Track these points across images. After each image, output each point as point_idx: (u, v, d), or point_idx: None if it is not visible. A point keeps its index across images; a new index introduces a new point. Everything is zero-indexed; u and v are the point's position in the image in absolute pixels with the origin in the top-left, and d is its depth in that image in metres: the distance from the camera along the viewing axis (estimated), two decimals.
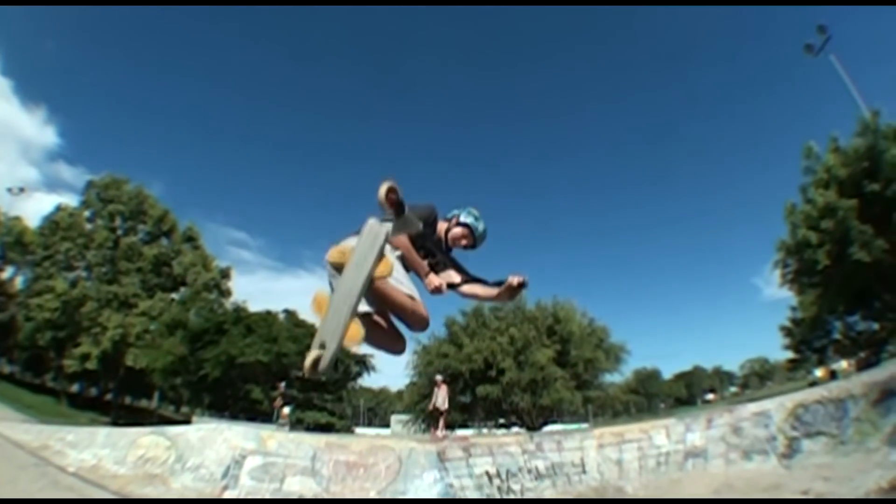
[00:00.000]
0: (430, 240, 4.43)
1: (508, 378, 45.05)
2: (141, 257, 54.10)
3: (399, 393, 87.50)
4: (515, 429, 46.72)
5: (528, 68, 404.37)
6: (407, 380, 53.42)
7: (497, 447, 17.30)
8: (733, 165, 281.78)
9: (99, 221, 54.98)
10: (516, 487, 16.25)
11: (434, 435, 25.06)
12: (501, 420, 50.72)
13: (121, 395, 59.34)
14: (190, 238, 59.68)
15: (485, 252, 4.92)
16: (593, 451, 16.86)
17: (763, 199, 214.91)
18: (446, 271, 4.70)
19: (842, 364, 51.67)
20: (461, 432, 43.83)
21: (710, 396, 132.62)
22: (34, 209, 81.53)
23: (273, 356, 46.29)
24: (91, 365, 48.98)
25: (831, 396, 14.22)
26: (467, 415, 50.54)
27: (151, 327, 50.89)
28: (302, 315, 54.93)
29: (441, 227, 4.80)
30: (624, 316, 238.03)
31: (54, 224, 53.15)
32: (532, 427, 44.78)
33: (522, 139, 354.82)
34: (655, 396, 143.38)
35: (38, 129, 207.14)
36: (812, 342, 50.19)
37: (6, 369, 62.83)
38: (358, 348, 3.77)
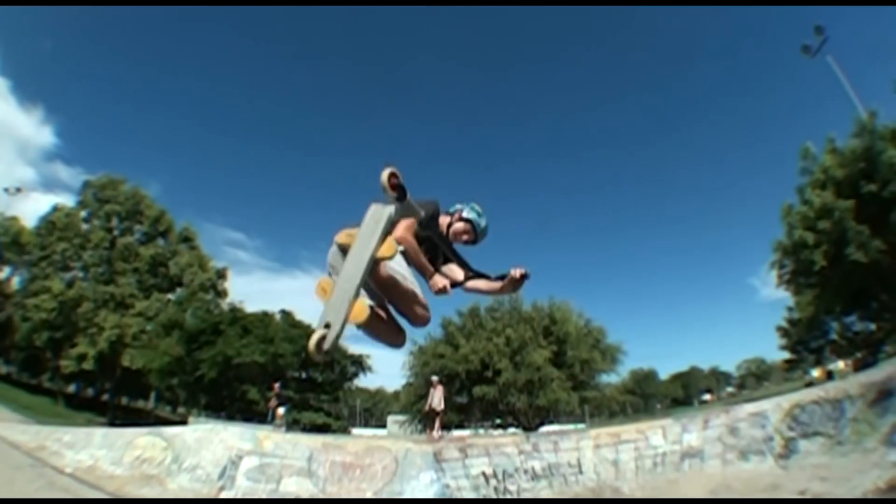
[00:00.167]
0: (435, 233, 4.45)
1: (505, 379, 44.95)
2: (137, 258, 54.01)
3: (395, 393, 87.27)
4: (512, 429, 46.60)
5: (525, 68, 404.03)
6: (403, 380, 53.24)
7: (493, 448, 17.28)
8: (730, 166, 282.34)
9: (95, 222, 54.85)
10: (513, 488, 16.23)
11: (430, 436, 25.07)
12: (498, 421, 50.66)
13: (117, 396, 59.41)
14: (186, 238, 59.59)
15: (482, 251, 4.91)
16: (590, 452, 16.84)
17: (760, 200, 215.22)
18: (449, 266, 4.75)
19: (839, 364, 51.79)
20: (458, 433, 43.89)
21: (707, 397, 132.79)
22: (31, 209, 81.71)
23: (269, 357, 46.29)
24: (88, 365, 48.91)
25: (828, 397, 14.22)
26: (464, 415, 50.42)
27: (148, 328, 50.87)
28: (299, 316, 55.09)
29: (443, 222, 4.79)
30: (620, 316, 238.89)
31: (51, 224, 53.06)
32: (528, 428, 44.69)
33: (519, 138, 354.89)
34: (652, 397, 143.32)
35: (36, 129, 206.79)
36: (809, 343, 50.24)
37: (3, 370, 62.96)
38: (358, 330, 3.83)
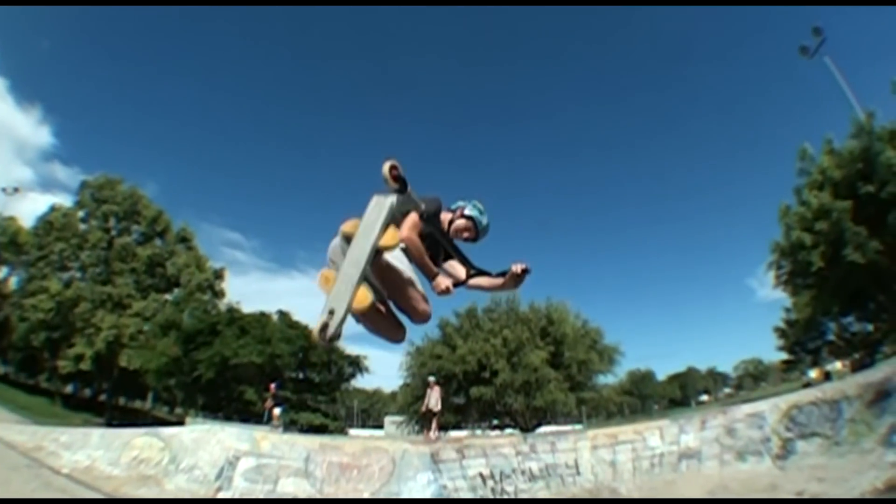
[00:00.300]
0: (437, 230, 4.45)
1: (502, 379, 44.92)
2: (135, 258, 53.95)
3: (393, 394, 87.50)
4: (509, 430, 46.63)
5: (521, 69, 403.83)
6: (400, 381, 53.18)
7: (491, 448, 17.29)
8: (728, 166, 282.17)
9: (93, 222, 54.80)
10: (510, 489, 16.24)
11: (427, 436, 25.06)
12: (495, 421, 50.68)
13: (115, 396, 59.31)
14: (184, 239, 59.56)
15: (480, 250, 4.90)
16: (587, 453, 16.85)
17: (757, 201, 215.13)
18: (450, 263, 4.77)
19: (836, 365, 51.95)
20: (455, 434, 43.87)
21: (705, 398, 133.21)
22: (29, 209, 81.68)
23: (267, 357, 46.26)
24: (85, 366, 48.86)
25: (826, 398, 14.23)
26: (461, 416, 50.43)
27: (145, 328, 50.80)
28: (296, 316, 55.05)
29: (444, 218, 4.78)
30: (618, 317, 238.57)
31: (48, 224, 52.98)
32: (526, 428, 44.70)
33: (517, 138, 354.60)
34: (649, 398, 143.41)
35: (33, 129, 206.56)
36: (806, 343, 50.30)
37: (0, 370, 62.85)
38: (358, 324, 3.99)
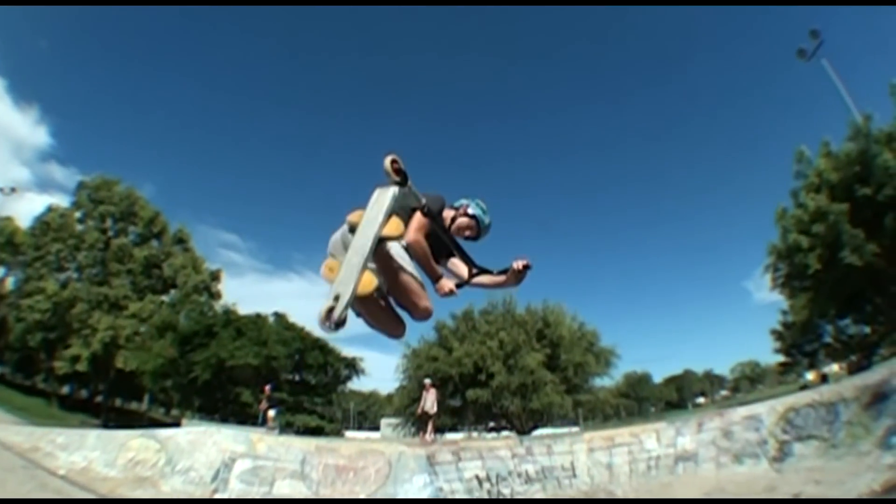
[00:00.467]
0: (440, 228, 4.45)
1: (498, 382, 44.83)
2: (131, 259, 53.96)
3: (389, 396, 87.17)
4: (505, 433, 46.62)
5: (517, 71, 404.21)
6: (396, 383, 52.96)
7: (487, 451, 17.30)
8: (724, 169, 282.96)
9: (90, 222, 54.80)
10: (506, 491, 16.23)
11: (423, 439, 25.05)
12: (491, 424, 50.58)
13: (111, 398, 59.16)
14: (180, 240, 59.61)
15: (475, 250, 4.90)
16: (583, 455, 16.87)
17: (754, 204, 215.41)
18: (452, 261, 4.84)
19: (833, 367, 51.98)
20: (451, 436, 43.85)
21: (701, 400, 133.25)
22: (26, 209, 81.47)
23: (263, 359, 46.25)
24: (81, 367, 48.77)
25: (822, 400, 14.24)
26: (457, 419, 50.33)
27: (141, 329, 50.71)
28: (292, 318, 55.06)
29: (447, 215, 4.81)
30: (614, 320, 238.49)
31: (45, 225, 52.97)
32: (522, 431, 44.63)
33: (512, 139, 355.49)
34: (646, 400, 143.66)
35: (31, 129, 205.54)
36: (803, 346, 50.28)
37: None
38: (358, 318, 4.07)
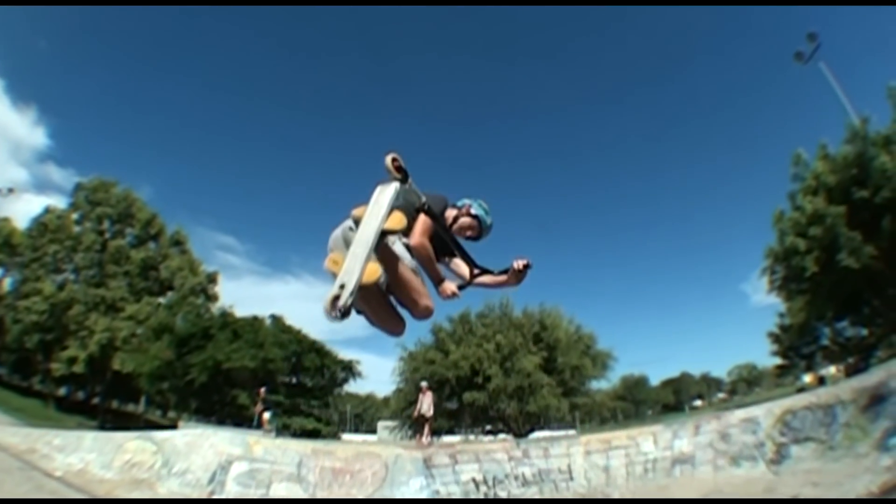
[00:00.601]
0: (442, 228, 4.47)
1: (495, 385, 44.92)
2: (128, 261, 53.87)
3: (386, 399, 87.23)
4: (502, 435, 46.67)
5: (513, 73, 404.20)
6: (393, 386, 53.12)
7: (484, 454, 17.35)
8: (721, 171, 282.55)
9: (87, 224, 54.71)
10: (503, 494, 16.27)
11: (419, 441, 25.06)
12: (488, 427, 50.66)
13: (108, 400, 59.10)
14: (177, 242, 59.49)
15: (474, 251, 4.92)
16: (580, 458, 16.90)
17: (751, 206, 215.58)
18: (454, 262, 4.89)
19: (830, 370, 52.07)
20: (447, 439, 43.89)
21: (698, 403, 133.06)
22: (23, 210, 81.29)
23: (260, 362, 46.15)
24: (78, 368, 48.66)
25: (820, 402, 14.25)
26: (454, 421, 50.42)
27: (138, 331, 50.51)
28: (289, 321, 54.98)
29: (449, 215, 4.85)
30: (611, 322, 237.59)
31: (42, 226, 52.91)
32: (519, 434, 44.68)
33: (508, 139, 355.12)
34: (643, 403, 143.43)
35: (29, 130, 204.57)
36: (800, 348, 50.32)
37: None
38: (359, 315, 4.15)
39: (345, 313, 3.28)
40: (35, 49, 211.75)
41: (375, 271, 3.54)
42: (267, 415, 29.91)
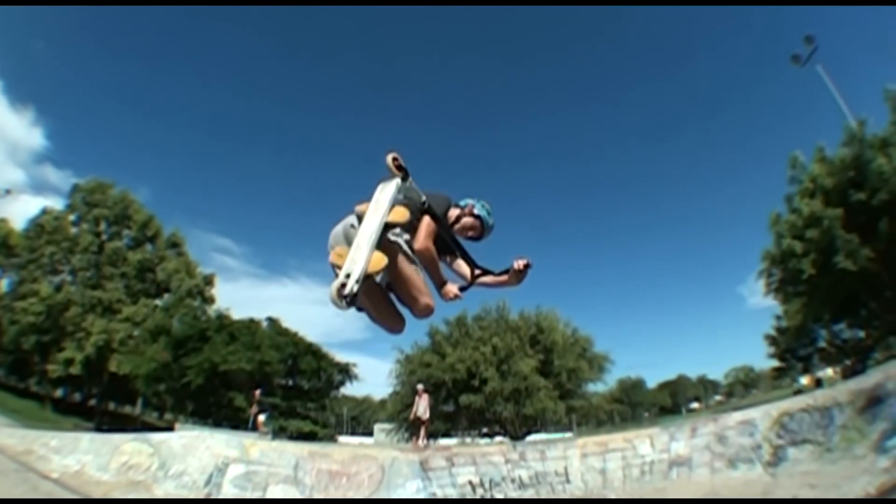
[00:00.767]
0: (444, 228, 4.50)
1: (491, 387, 44.91)
2: (125, 262, 53.77)
3: (382, 402, 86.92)
4: (499, 438, 46.61)
5: (506, 72, 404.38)
6: (390, 389, 53.27)
7: (480, 457, 17.33)
8: (718, 174, 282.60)
9: (84, 226, 54.59)
10: (500, 497, 16.23)
11: (416, 444, 25.04)
12: (484, 429, 50.57)
13: (105, 401, 58.93)
14: (174, 244, 59.38)
15: (473, 251, 4.93)
16: (577, 461, 16.89)
17: (748, 209, 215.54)
18: (457, 262, 4.93)
19: (827, 372, 52.05)
20: (444, 442, 43.82)
21: (695, 405, 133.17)
22: (20, 211, 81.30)
23: (256, 364, 46.07)
24: (75, 370, 48.58)
25: (817, 404, 14.24)
26: (450, 424, 50.40)
27: (135, 333, 50.45)
28: (285, 323, 54.92)
29: (452, 214, 4.88)
30: (608, 325, 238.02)
31: (39, 227, 52.84)
32: (515, 436, 44.63)
33: (504, 140, 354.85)
34: (640, 405, 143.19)
35: (26, 131, 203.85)
36: (797, 350, 50.47)
37: None
38: (359, 312, 4.23)
39: (351, 301, 3.29)
40: (33, 49, 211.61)
41: (381, 260, 3.57)
42: (262, 417, 29.87)
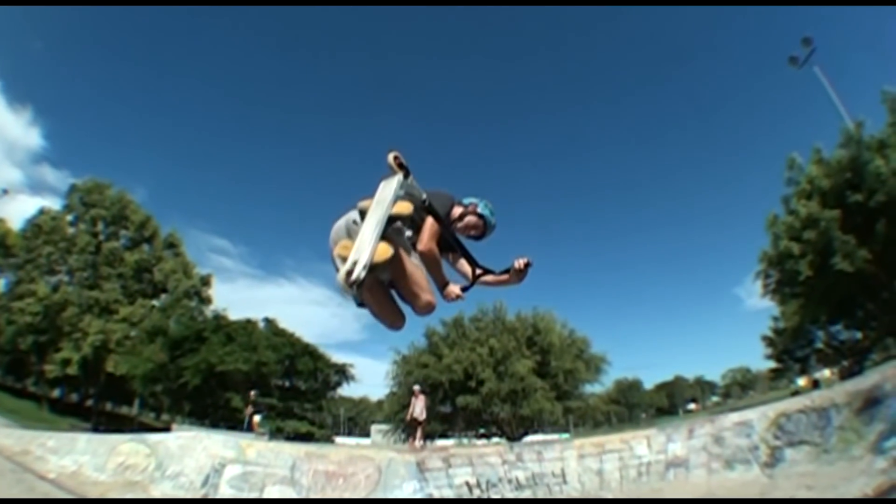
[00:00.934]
0: (446, 228, 4.52)
1: (488, 388, 44.91)
2: (122, 263, 53.71)
3: (379, 402, 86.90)
4: (495, 439, 46.64)
5: (502, 73, 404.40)
6: (387, 389, 53.29)
7: (477, 457, 17.29)
8: (715, 175, 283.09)
9: (81, 226, 54.55)
10: (496, 497, 16.21)
11: (412, 445, 25.02)
12: (481, 430, 50.58)
13: (101, 402, 58.83)
14: (171, 244, 59.35)
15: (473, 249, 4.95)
16: (574, 462, 16.87)
17: (745, 210, 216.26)
18: (460, 262, 4.95)
19: (825, 373, 52.03)
20: (441, 442, 43.84)
21: (692, 406, 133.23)
22: (18, 211, 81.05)
23: (253, 364, 46.01)
24: (72, 370, 48.48)
25: (814, 405, 14.23)
26: (447, 425, 50.44)
27: (132, 334, 50.35)
28: (282, 324, 54.89)
29: (455, 212, 4.90)
30: (605, 326, 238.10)
31: (37, 227, 52.81)
32: (512, 437, 44.72)
33: (502, 141, 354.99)
34: (637, 406, 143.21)
35: (24, 131, 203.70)
36: (794, 351, 50.53)
37: None
38: (360, 308, 4.33)
39: (358, 287, 3.44)
40: (31, 50, 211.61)
41: (386, 251, 3.63)
42: (257, 418, 29.83)
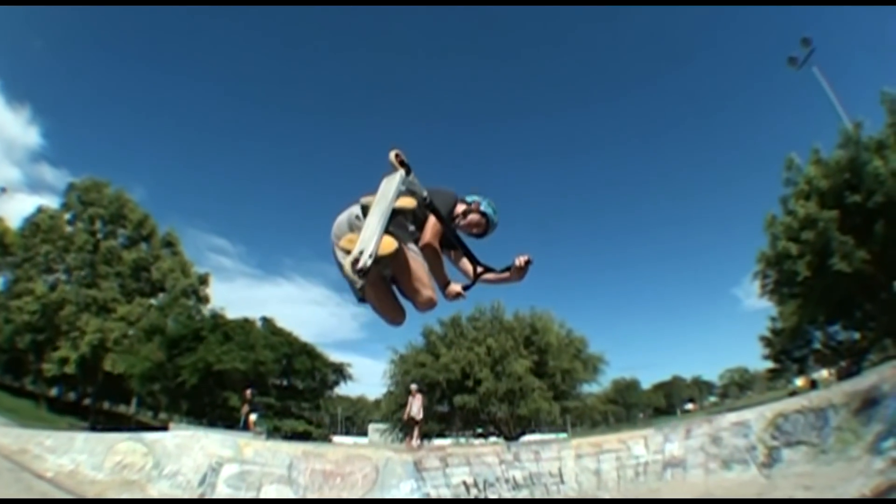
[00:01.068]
0: (447, 227, 4.55)
1: (485, 388, 44.95)
2: (120, 262, 53.72)
3: (377, 402, 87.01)
4: (493, 439, 46.66)
5: (500, 73, 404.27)
6: (384, 389, 53.41)
7: (474, 457, 17.30)
8: (714, 176, 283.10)
9: (79, 224, 54.56)
10: (494, 497, 16.21)
11: (409, 444, 25.01)
12: (479, 430, 50.61)
13: (99, 400, 58.81)
14: (169, 243, 59.38)
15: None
16: (571, 462, 16.87)
17: (744, 211, 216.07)
18: (462, 260, 5.02)
19: (822, 373, 52.04)
20: (438, 442, 43.82)
21: (690, 406, 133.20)
22: (16, 210, 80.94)
23: (251, 364, 45.96)
24: (70, 369, 48.51)
25: (812, 406, 14.23)
26: (444, 424, 50.46)
27: (130, 333, 50.32)
28: (280, 323, 54.82)
29: (458, 209, 4.92)
30: (602, 326, 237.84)
31: (35, 226, 52.78)
32: (509, 437, 44.74)
33: (500, 140, 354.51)
34: (634, 406, 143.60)
35: (22, 129, 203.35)
36: (792, 352, 50.52)
37: None
38: (361, 305, 4.35)
39: (365, 274, 3.47)
40: (30, 48, 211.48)
41: (391, 244, 3.66)
42: (253, 417, 29.71)
